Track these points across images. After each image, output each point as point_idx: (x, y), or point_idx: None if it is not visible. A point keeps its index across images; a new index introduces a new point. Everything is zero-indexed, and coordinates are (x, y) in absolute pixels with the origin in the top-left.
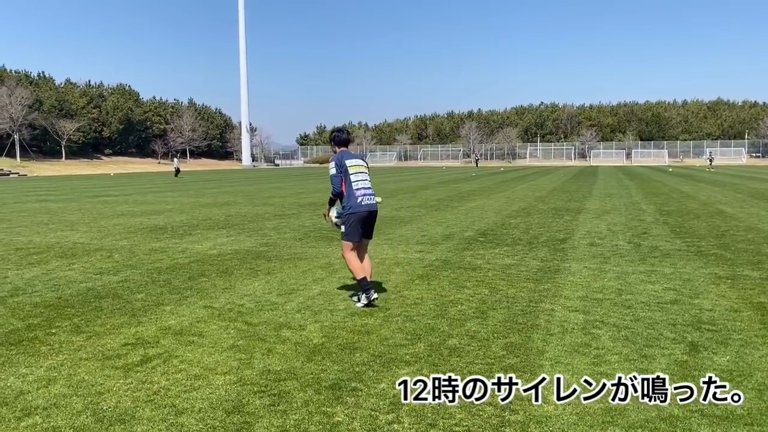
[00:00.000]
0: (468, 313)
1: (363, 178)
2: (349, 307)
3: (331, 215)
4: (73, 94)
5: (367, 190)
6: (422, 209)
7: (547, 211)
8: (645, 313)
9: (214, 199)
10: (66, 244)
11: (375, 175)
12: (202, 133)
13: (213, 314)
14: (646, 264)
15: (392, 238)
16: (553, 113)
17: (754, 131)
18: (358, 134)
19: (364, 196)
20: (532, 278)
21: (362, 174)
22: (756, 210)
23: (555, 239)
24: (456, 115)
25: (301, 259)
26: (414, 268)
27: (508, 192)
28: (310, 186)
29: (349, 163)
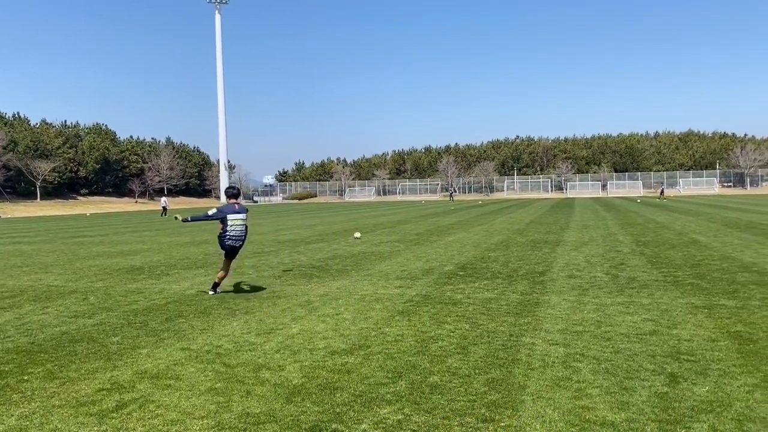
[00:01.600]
0: (449, 349)
1: (239, 225)
2: (329, 345)
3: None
4: (48, 134)
5: (239, 235)
6: (402, 244)
7: (526, 244)
8: (624, 345)
9: (191, 237)
10: (40, 287)
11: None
12: (180, 171)
13: (190, 356)
14: (624, 295)
15: (372, 273)
16: (529, 146)
17: (725, 161)
18: (336, 170)
19: (233, 239)
20: (513, 312)
21: (239, 223)
22: (729, 239)
23: (534, 272)
24: (433, 150)
25: (279, 298)
26: (394, 304)
27: (487, 225)
28: (290, 222)
29: (230, 217)
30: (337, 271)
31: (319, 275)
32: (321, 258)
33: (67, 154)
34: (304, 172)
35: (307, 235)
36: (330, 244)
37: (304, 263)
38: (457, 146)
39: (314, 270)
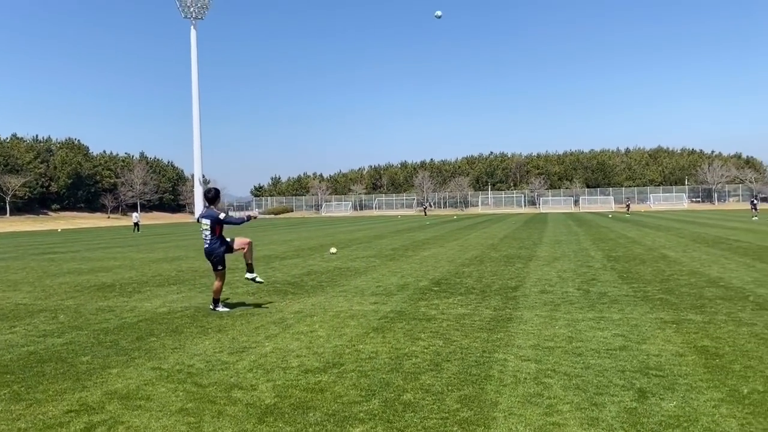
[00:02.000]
0: (423, 366)
1: (204, 229)
2: (303, 363)
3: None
4: (18, 148)
5: (205, 238)
6: (377, 259)
7: (500, 259)
8: (595, 361)
9: (165, 254)
10: (7, 305)
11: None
12: (154, 186)
13: (161, 376)
14: (595, 310)
15: (347, 289)
16: (503, 162)
17: (693, 177)
18: (312, 185)
19: (204, 240)
20: (486, 328)
21: (204, 227)
22: (698, 254)
23: (507, 287)
24: (409, 165)
25: (253, 315)
26: (369, 320)
27: (462, 240)
28: (265, 238)
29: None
30: (313, 288)
31: (294, 292)
32: (296, 274)
33: (38, 168)
34: (280, 187)
35: (282, 251)
36: (305, 260)
37: (279, 279)
38: (433, 161)
39: (289, 286)
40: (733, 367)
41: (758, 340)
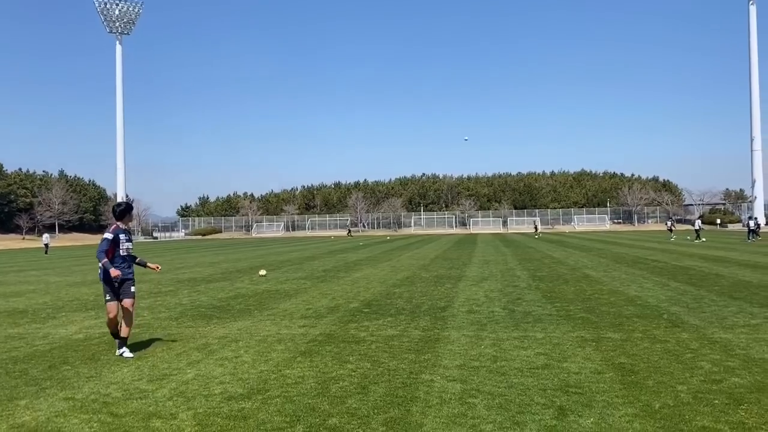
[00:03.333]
0: (349, 389)
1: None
2: (226, 390)
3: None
4: None
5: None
6: (308, 281)
7: (430, 279)
8: (518, 380)
9: (83, 277)
10: None
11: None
12: (74, 206)
13: (74, 406)
14: (519, 329)
15: (276, 313)
16: (435, 184)
17: (615, 199)
18: (243, 205)
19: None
20: (414, 349)
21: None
22: (618, 274)
23: (436, 307)
24: (343, 186)
25: (175, 341)
26: (297, 344)
27: (394, 261)
28: (191, 260)
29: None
30: (239, 311)
31: (220, 316)
32: (222, 297)
33: None
34: (209, 207)
35: (209, 273)
36: (233, 283)
37: (204, 303)
38: (366, 182)
39: (214, 310)
40: (646, 382)
41: (670, 356)
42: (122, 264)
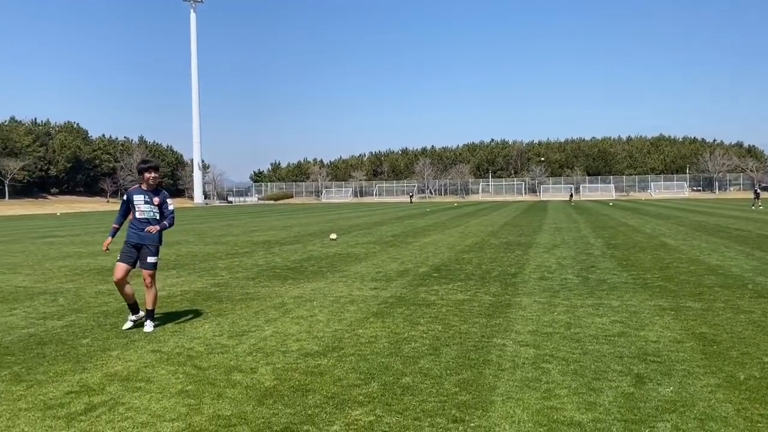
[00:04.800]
0: (422, 351)
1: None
2: (302, 347)
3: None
4: (17, 132)
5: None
6: (377, 245)
7: (499, 246)
8: (593, 347)
9: (164, 238)
10: (7, 288)
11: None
12: None
13: (161, 359)
14: (594, 297)
15: (347, 275)
16: (504, 150)
17: (695, 166)
18: (312, 171)
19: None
20: (485, 313)
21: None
22: (698, 242)
23: (507, 273)
24: (410, 152)
25: (253, 300)
26: (369, 305)
27: (462, 227)
28: (264, 223)
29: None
30: (312, 273)
31: (294, 277)
32: (296, 259)
33: (37, 152)
34: (280, 173)
35: (282, 236)
36: (305, 246)
37: (278, 265)
38: (434, 148)
39: (289, 272)
40: (730, 353)
41: (756, 328)
42: (137, 228)
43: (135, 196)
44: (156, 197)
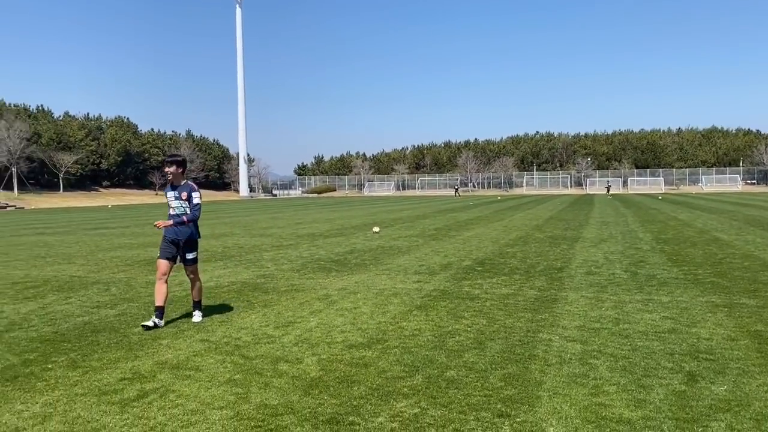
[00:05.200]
0: (466, 344)
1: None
2: (347, 339)
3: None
4: (71, 126)
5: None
6: (420, 238)
7: (544, 240)
8: (643, 343)
9: (211, 230)
10: (63, 277)
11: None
12: (200, 164)
13: (210, 348)
14: (643, 292)
15: (390, 268)
16: (549, 142)
17: (749, 158)
18: (355, 164)
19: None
20: (530, 308)
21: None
22: (752, 237)
23: (552, 268)
24: (453, 145)
25: (298, 291)
26: (412, 298)
27: (506, 221)
28: (308, 216)
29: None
30: (356, 265)
31: (338, 269)
32: (340, 252)
33: (89, 146)
34: (323, 166)
35: (325, 229)
36: (348, 238)
37: (323, 257)
38: (477, 141)
39: (333, 264)
40: None
41: None
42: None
43: (168, 193)
44: (184, 192)
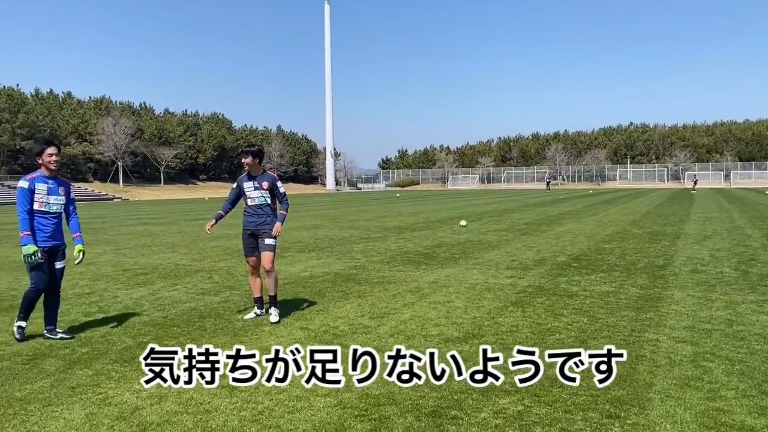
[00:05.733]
0: (567, 342)
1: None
2: (442, 332)
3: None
4: (171, 122)
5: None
6: (510, 233)
7: (643, 236)
8: (761, 346)
9: (302, 222)
10: (168, 265)
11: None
12: (289, 158)
13: (309, 335)
14: (757, 293)
15: (481, 262)
16: (644, 134)
17: None
18: (439, 157)
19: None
20: (633, 306)
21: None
22: None
23: (654, 265)
24: (541, 137)
25: (390, 283)
26: (506, 294)
27: (600, 215)
28: (394, 209)
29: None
30: (445, 259)
31: (427, 262)
32: (428, 245)
33: (187, 141)
34: (407, 160)
35: (411, 222)
36: (435, 232)
37: (411, 250)
38: (567, 133)
39: (421, 257)
40: None
41: None
42: (251, 215)
43: (244, 184)
44: (264, 182)
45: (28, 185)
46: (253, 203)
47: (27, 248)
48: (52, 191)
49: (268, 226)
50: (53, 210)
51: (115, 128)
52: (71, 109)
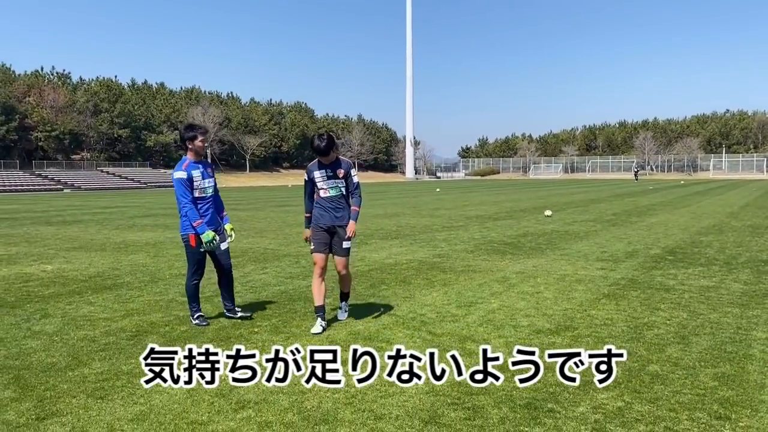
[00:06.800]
0: (667, 338)
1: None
2: (532, 324)
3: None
4: (256, 111)
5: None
6: (598, 224)
7: (743, 229)
8: None
9: (384, 210)
10: (258, 249)
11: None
12: (370, 147)
13: (397, 322)
14: None
15: (569, 253)
16: (741, 121)
17: None
18: (521, 146)
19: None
20: (737, 303)
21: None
22: None
23: (757, 260)
24: (629, 125)
25: (475, 272)
26: (598, 286)
27: (693, 207)
28: (474, 198)
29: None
30: (531, 249)
31: (513, 252)
32: (512, 235)
33: (271, 130)
34: (488, 149)
35: (494, 212)
36: (519, 221)
37: (495, 239)
38: (656, 121)
39: (506, 246)
40: None
41: None
42: (325, 208)
43: (315, 173)
44: (339, 169)
45: (186, 175)
46: (327, 194)
47: (206, 235)
48: (204, 175)
49: (345, 222)
50: (209, 193)
51: (204, 117)
52: (164, 98)
